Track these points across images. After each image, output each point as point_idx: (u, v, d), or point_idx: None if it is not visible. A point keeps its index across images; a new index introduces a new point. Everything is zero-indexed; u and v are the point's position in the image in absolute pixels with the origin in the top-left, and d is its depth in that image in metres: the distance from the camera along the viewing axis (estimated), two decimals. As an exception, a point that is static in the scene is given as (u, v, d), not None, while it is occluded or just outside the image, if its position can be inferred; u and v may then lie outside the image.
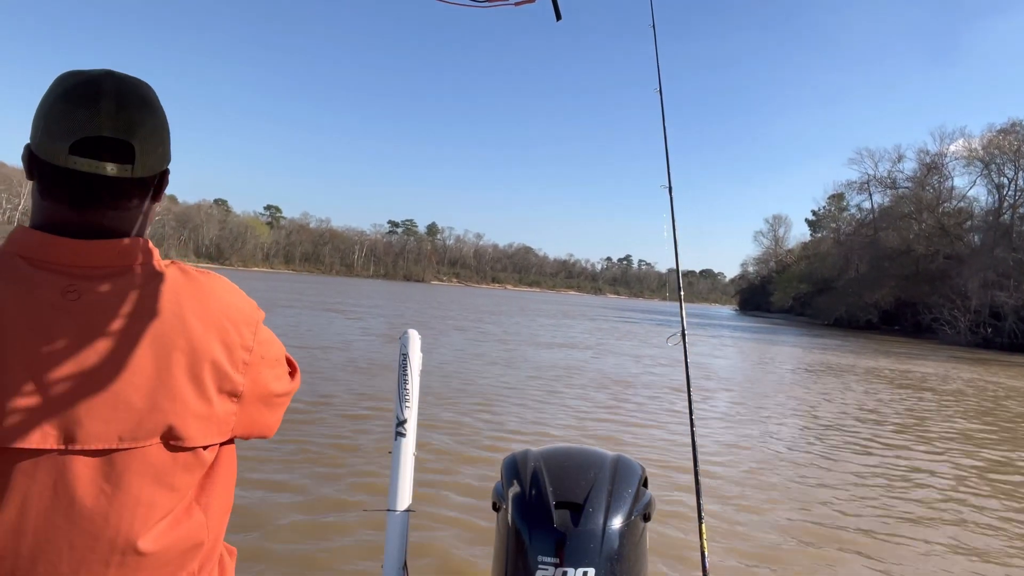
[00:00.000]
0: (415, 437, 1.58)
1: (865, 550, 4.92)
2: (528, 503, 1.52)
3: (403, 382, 1.57)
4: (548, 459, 1.59)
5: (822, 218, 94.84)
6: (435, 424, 7.79)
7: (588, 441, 7.68)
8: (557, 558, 1.46)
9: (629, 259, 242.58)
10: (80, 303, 0.88)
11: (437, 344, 17.33)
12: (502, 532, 1.55)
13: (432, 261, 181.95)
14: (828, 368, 20.21)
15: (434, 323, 25.63)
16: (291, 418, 7.35)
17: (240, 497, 4.69)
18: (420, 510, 2.59)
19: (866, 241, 67.45)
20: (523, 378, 12.39)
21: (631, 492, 1.55)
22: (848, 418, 10.92)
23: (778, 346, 29.94)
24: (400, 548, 1.55)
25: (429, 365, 12.86)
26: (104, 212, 0.94)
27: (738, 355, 23.45)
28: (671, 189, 2.56)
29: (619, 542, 1.47)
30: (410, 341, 1.59)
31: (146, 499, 0.89)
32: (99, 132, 0.90)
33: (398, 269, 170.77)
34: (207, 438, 0.94)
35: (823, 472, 7.19)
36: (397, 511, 1.55)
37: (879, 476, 7.19)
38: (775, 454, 7.92)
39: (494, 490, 1.62)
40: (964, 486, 7.07)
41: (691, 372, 2.47)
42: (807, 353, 26.56)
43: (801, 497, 6.18)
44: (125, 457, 0.87)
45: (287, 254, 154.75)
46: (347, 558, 4.06)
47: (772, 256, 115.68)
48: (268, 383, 1.05)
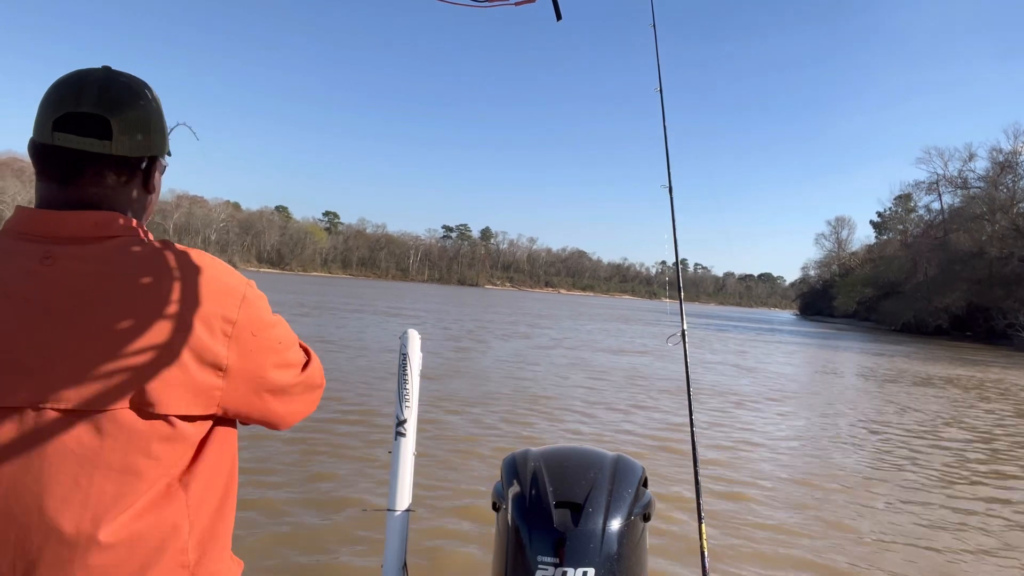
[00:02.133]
0: (415, 437, 1.59)
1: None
2: (528, 503, 1.51)
3: (403, 382, 1.57)
4: (548, 459, 1.58)
5: (888, 220, 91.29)
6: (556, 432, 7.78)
7: (593, 442, 7.58)
8: (557, 558, 1.45)
9: (685, 262, 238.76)
10: (55, 268, 0.92)
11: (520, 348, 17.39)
12: (502, 532, 1.55)
13: (486, 265, 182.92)
14: (903, 375, 19.27)
15: (509, 327, 25.76)
16: (329, 418, 7.48)
17: (240, 496, 4.76)
18: (420, 510, 2.58)
19: (935, 243, 64.61)
20: (588, 381, 12.33)
21: (631, 492, 1.53)
22: (935, 433, 10.20)
23: (844, 352, 28.81)
24: (400, 548, 1.55)
25: (498, 366, 12.99)
26: (86, 188, 0.99)
27: (803, 362, 22.71)
28: (671, 189, 2.53)
29: (619, 542, 1.46)
30: (410, 341, 1.60)
31: (118, 464, 0.89)
32: (78, 108, 0.97)
33: (452, 273, 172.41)
34: (182, 406, 0.93)
35: (921, 499, 6.55)
36: (397, 511, 1.56)
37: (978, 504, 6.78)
38: (843, 468, 7.65)
39: (494, 490, 1.62)
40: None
41: (756, 380, 2.41)
42: (877, 360, 25.37)
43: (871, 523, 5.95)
44: (97, 419, 0.88)
45: (344, 259, 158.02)
46: (347, 558, 4.07)
47: (835, 259, 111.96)
48: (264, 363, 1.03)
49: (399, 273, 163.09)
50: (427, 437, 7.01)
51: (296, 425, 1.20)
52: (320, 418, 7.40)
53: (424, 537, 4.40)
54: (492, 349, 17.31)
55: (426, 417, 7.78)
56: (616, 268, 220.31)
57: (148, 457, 0.91)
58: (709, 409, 10.54)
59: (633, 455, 1.68)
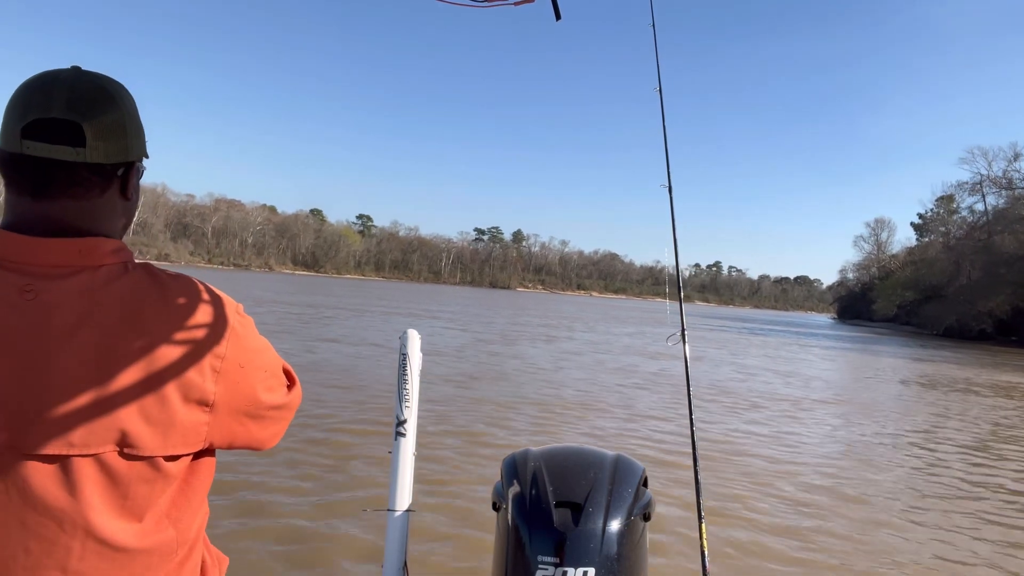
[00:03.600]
0: (415, 437, 1.59)
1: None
2: (528, 503, 1.51)
3: (403, 382, 1.58)
4: (548, 459, 1.58)
5: (929, 221, 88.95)
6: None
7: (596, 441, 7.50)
8: (557, 558, 1.45)
9: (719, 265, 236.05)
10: (36, 303, 0.86)
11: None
12: (502, 532, 1.55)
13: (518, 268, 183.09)
14: (955, 382, 18.61)
15: (550, 329, 25.77)
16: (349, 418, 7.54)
17: (240, 496, 4.80)
18: (420, 510, 2.56)
19: (979, 245, 62.74)
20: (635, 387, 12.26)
21: (631, 492, 1.53)
22: (988, 448, 9.79)
23: (885, 358, 27.99)
24: (400, 548, 1.56)
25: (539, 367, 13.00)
26: (64, 204, 0.93)
27: (846, 367, 22.21)
28: (671, 189, 2.52)
29: (619, 542, 1.46)
30: (409, 341, 1.60)
31: (103, 508, 0.86)
32: (48, 114, 0.90)
33: (484, 276, 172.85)
34: (167, 448, 0.90)
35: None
36: (397, 511, 1.56)
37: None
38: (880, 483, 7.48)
39: (494, 490, 1.62)
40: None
41: (797, 385, 2.38)
42: (920, 366, 24.62)
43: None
44: (80, 464, 0.85)
45: (377, 262, 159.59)
46: (347, 558, 4.07)
47: (874, 262, 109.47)
48: (251, 394, 1.00)
49: (431, 276, 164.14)
50: (427, 437, 6.99)
51: (296, 426, 1.19)
52: (321, 418, 7.43)
53: (424, 537, 4.40)
54: (516, 351, 17.32)
55: (428, 418, 7.80)
56: (649, 271, 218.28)
57: (129, 499, 0.88)
58: (740, 413, 10.39)
59: (667, 463, 1.66)
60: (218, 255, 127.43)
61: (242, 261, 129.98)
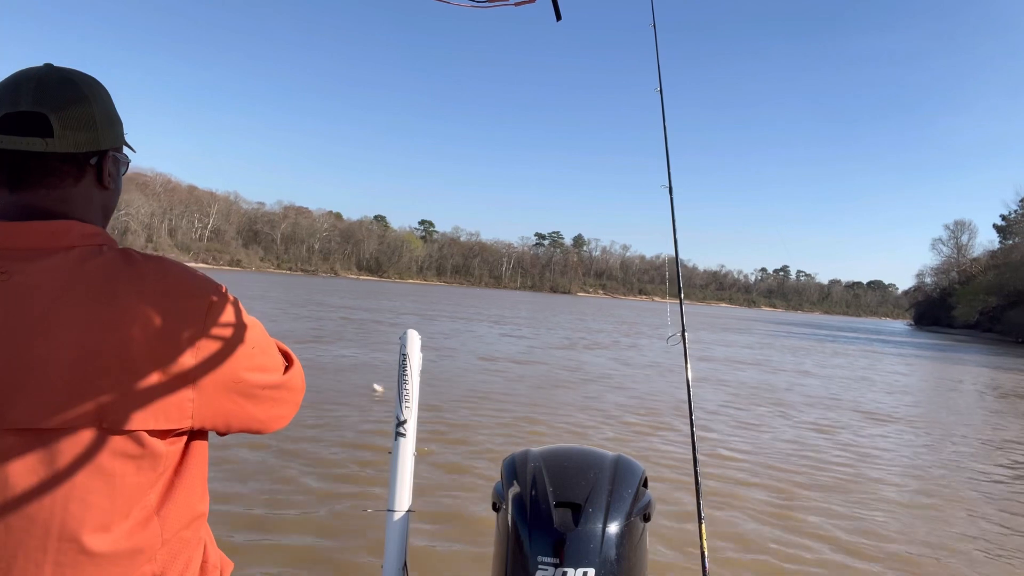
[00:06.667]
0: (415, 437, 1.59)
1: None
2: (528, 503, 1.50)
3: (403, 382, 1.58)
4: (548, 459, 1.56)
5: (1014, 223, 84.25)
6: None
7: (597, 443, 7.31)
8: (557, 558, 1.44)
9: (786, 269, 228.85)
10: (10, 283, 0.89)
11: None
12: (502, 532, 1.54)
13: (578, 272, 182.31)
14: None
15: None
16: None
17: (240, 497, 4.81)
18: (420, 511, 2.54)
19: (1071, 248, 58.95)
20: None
21: (631, 492, 1.51)
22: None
23: (970, 367, 26.32)
24: (400, 548, 1.56)
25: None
26: (39, 192, 0.97)
27: (930, 377, 21.12)
28: (671, 189, 2.49)
29: (619, 542, 1.45)
30: (409, 341, 1.60)
31: (86, 486, 0.87)
32: (16, 108, 0.94)
33: (544, 280, 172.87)
34: (148, 421, 0.90)
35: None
36: (397, 511, 1.57)
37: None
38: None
39: (494, 490, 1.61)
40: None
41: (877, 399, 2.30)
42: (1012, 376, 23.07)
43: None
44: (60, 440, 0.86)
45: (439, 267, 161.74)
46: (347, 558, 4.07)
47: (954, 266, 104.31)
48: (235, 368, 0.99)
49: (492, 280, 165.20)
50: (429, 435, 6.97)
51: (296, 426, 1.17)
52: (327, 418, 7.38)
53: (424, 537, 4.40)
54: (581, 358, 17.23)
55: (430, 417, 7.81)
56: (713, 275, 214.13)
57: (115, 476, 0.88)
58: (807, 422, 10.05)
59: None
60: (287, 260, 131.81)
61: (309, 266, 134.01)
